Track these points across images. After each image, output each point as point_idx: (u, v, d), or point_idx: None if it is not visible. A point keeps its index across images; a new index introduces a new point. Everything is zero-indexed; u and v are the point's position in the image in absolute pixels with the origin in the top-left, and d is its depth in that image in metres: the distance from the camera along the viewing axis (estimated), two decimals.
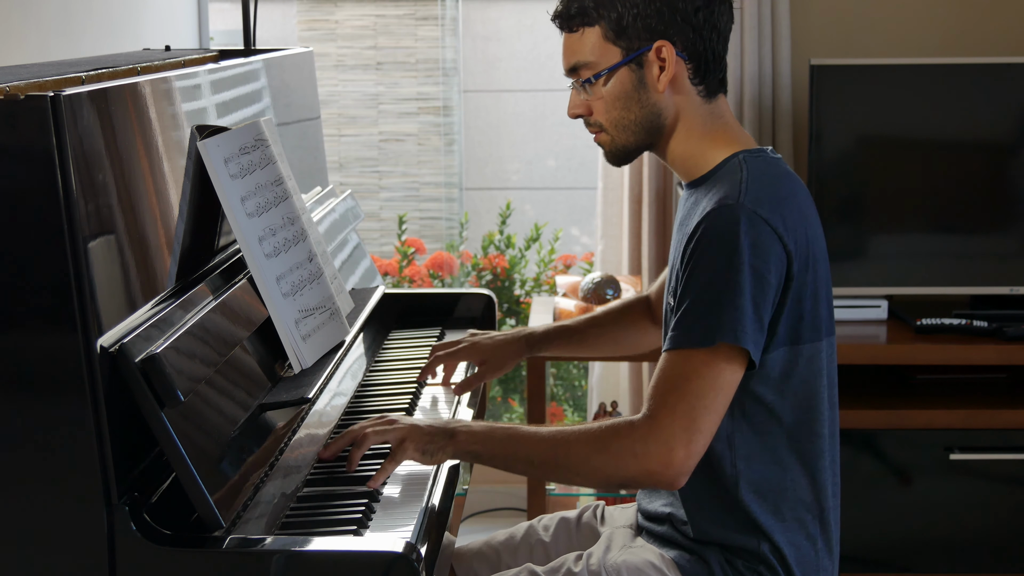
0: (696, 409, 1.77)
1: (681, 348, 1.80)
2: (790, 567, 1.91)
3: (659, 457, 1.76)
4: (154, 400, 1.60)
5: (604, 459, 1.80)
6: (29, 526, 1.60)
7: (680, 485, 1.79)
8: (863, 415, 3.25)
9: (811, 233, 1.87)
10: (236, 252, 2.05)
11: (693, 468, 1.78)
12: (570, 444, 1.82)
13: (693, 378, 1.78)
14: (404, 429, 1.87)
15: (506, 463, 1.87)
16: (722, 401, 1.79)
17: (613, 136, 1.96)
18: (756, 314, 1.79)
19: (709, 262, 1.80)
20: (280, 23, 4.41)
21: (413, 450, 1.86)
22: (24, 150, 1.54)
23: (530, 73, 4.42)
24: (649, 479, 1.79)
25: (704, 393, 1.77)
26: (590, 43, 1.92)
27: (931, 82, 3.40)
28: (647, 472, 1.78)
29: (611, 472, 1.81)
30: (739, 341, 1.77)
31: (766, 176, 1.87)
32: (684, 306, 1.81)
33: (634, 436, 1.78)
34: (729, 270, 1.78)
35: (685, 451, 1.76)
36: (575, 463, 1.82)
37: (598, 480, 1.85)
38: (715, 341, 1.77)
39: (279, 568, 1.57)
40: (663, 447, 1.76)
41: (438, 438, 1.86)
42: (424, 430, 1.87)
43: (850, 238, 3.47)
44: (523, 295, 4.27)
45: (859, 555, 3.32)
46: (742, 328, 1.77)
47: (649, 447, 1.77)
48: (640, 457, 1.77)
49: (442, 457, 1.87)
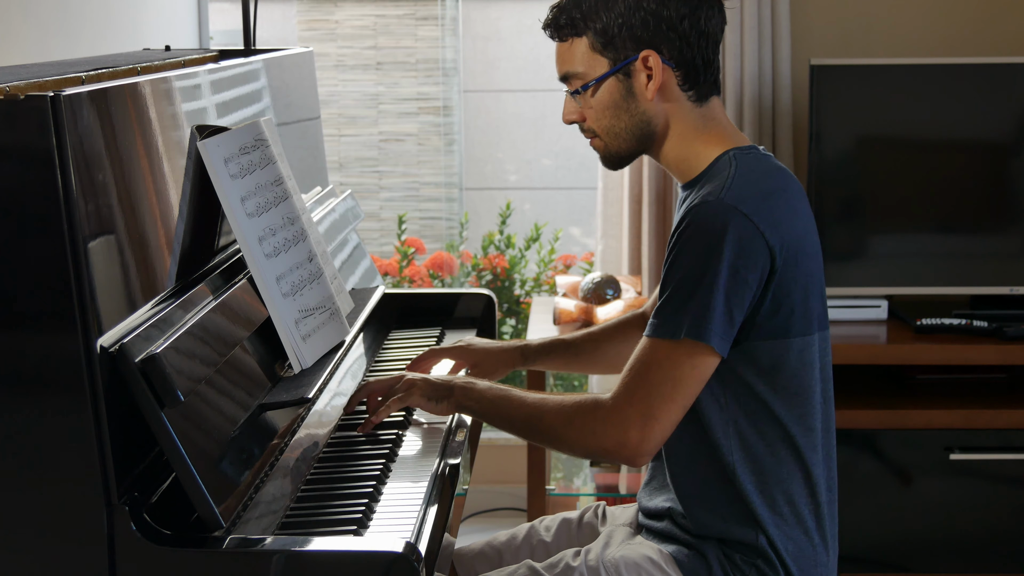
0: (653, 397, 1.83)
1: (651, 337, 1.86)
2: (787, 562, 1.92)
3: (615, 438, 1.85)
4: (154, 400, 1.60)
5: (569, 432, 1.90)
6: (29, 526, 1.60)
7: (640, 464, 1.88)
8: (863, 415, 3.26)
9: (801, 228, 1.89)
10: (236, 252, 2.05)
11: (654, 450, 1.85)
12: (543, 413, 1.92)
13: (654, 368, 1.84)
14: (414, 378, 2.06)
15: (494, 422, 2.01)
16: (683, 392, 1.83)
17: (606, 142, 1.99)
18: (726, 309, 1.82)
19: (687, 256, 1.83)
20: (280, 23, 4.41)
21: (419, 395, 2.04)
22: (24, 150, 1.54)
23: (530, 73, 4.42)
24: (607, 456, 1.88)
25: (662, 383, 1.83)
26: (579, 53, 1.95)
27: (931, 82, 3.40)
28: (604, 450, 1.87)
29: (574, 445, 1.92)
30: (701, 337, 1.81)
31: (754, 172, 1.89)
32: (664, 297, 1.86)
33: (596, 415, 1.86)
34: (706, 266, 1.81)
35: (640, 435, 1.83)
36: (547, 432, 1.93)
37: (566, 449, 1.96)
38: (679, 335, 1.82)
39: (279, 568, 1.57)
40: (618, 429, 1.84)
41: (441, 389, 2.03)
42: (431, 381, 2.05)
43: (850, 238, 3.47)
44: (523, 295, 4.27)
45: (859, 555, 3.32)
46: (707, 324, 1.81)
47: (607, 428, 1.85)
48: (598, 436, 1.86)
49: (445, 407, 2.03)
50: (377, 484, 1.88)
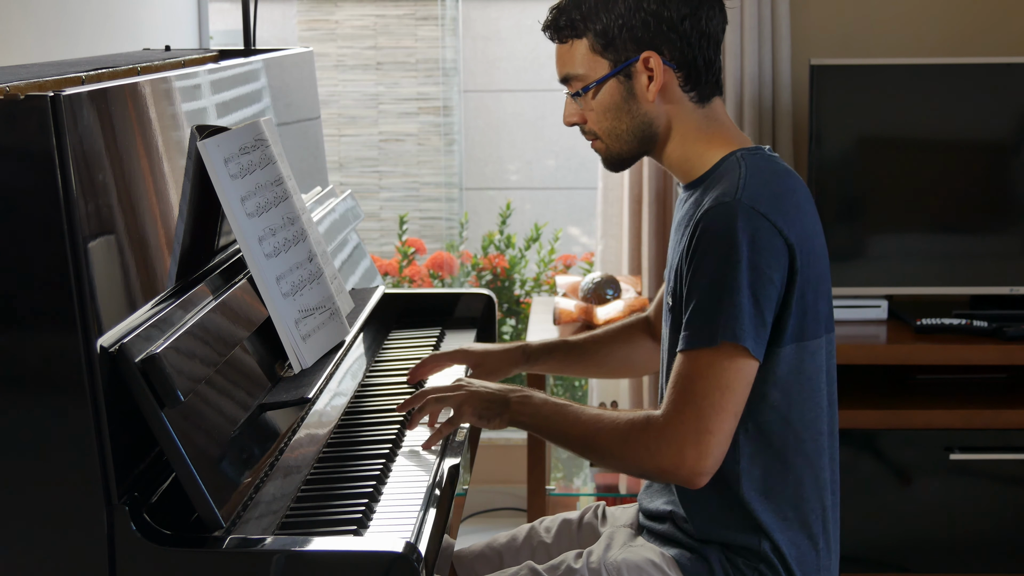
0: (703, 409, 1.78)
1: (689, 349, 1.82)
2: (790, 566, 1.91)
3: (671, 456, 1.80)
4: (154, 400, 1.60)
5: (625, 451, 1.85)
6: (29, 526, 1.60)
7: (700, 484, 1.81)
8: (863, 415, 3.25)
9: (810, 229, 1.88)
10: (236, 252, 2.05)
11: (714, 466, 1.80)
12: (599, 431, 1.87)
13: (698, 379, 1.80)
14: (464, 395, 2.00)
15: (550, 437, 1.96)
16: (731, 399, 1.80)
17: (607, 144, 1.98)
18: (756, 310, 1.80)
19: (709, 261, 1.81)
20: (280, 23, 4.41)
21: (471, 414, 1.99)
22: (24, 150, 1.54)
23: (530, 73, 4.42)
24: (664, 476, 1.83)
25: (709, 393, 1.79)
26: (579, 55, 1.94)
27: (931, 82, 3.40)
28: (661, 469, 1.82)
29: (631, 464, 1.87)
30: (738, 339, 1.78)
31: (764, 172, 1.88)
32: (691, 307, 1.82)
33: (649, 433, 1.82)
34: (728, 268, 1.79)
35: (696, 451, 1.78)
36: (603, 450, 1.88)
37: (624, 469, 1.93)
38: (717, 341, 1.79)
39: (279, 568, 1.57)
40: (673, 447, 1.79)
41: (495, 405, 1.97)
42: (483, 395, 1.99)
43: (850, 238, 3.47)
44: (523, 295, 4.27)
45: (859, 555, 3.32)
46: (740, 326, 1.78)
47: (661, 446, 1.80)
48: (654, 454, 1.81)
49: (497, 423, 1.98)
50: (377, 484, 1.88)
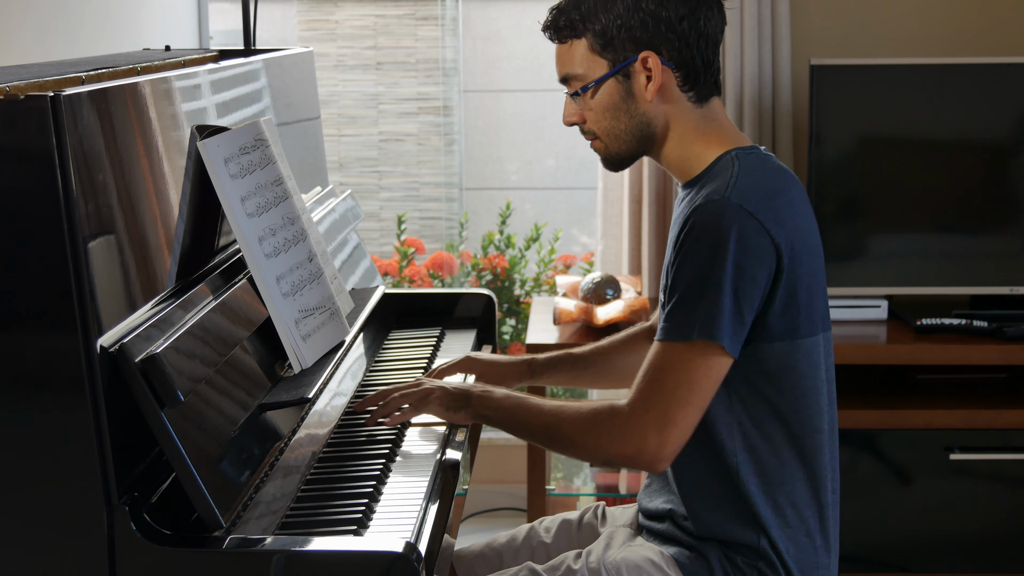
0: (669, 402, 1.82)
1: (663, 341, 1.85)
2: (788, 564, 1.91)
3: (633, 444, 1.84)
4: (154, 400, 1.60)
5: (588, 439, 1.89)
6: (29, 526, 1.60)
7: (660, 469, 1.86)
8: (863, 415, 3.25)
9: (804, 228, 1.89)
10: (236, 252, 2.05)
11: (673, 454, 1.84)
12: (562, 421, 1.92)
13: (668, 371, 1.83)
14: (431, 388, 2.06)
15: (512, 430, 2.01)
16: (699, 394, 1.83)
17: (606, 144, 1.99)
18: (736, 309, 1.81)
19: (694, 256, 1.83)
20: (280, 23, 4.41)
21: (437, 405, 2.04)
22: (24, 150, 1.54)
23: (530, 73, 4.42)
24: (627, 462, 1.87)
25: (677, 387, 1.82)
26: (578, 55, 1.95)
27: (931, 82, 3.40)
28: (623, 456, 1.86)
29: (593, 451, 1.91)
30: (713, 337, 1.80)
31: (758, 171, 1.88)
32: (674, 299, 1.85)
33: (613, 421, 1.86)
34: (712, 265, 1.81)
35: (658, 439, 1.82)
36: (566, 439, 1.92)
37: (586, 457, 1.97)
38: (691, 337, 1.81)
39: (279, 568, 1.57)
40: (636, 435, 1.83)
41: (459, 399, 2.03)
42: (449, 390, 2.05)
43: (850, 238, 3.47)
44: (523, 295, 4.27)
45: (859, 555, 3.32)
46: (718, 325, 1.80)
47: (624, 434, 1.84)
48: (616, 442, 1.85)
49: (461, 417, 2.03)
50: (377, 484, 1.88)
